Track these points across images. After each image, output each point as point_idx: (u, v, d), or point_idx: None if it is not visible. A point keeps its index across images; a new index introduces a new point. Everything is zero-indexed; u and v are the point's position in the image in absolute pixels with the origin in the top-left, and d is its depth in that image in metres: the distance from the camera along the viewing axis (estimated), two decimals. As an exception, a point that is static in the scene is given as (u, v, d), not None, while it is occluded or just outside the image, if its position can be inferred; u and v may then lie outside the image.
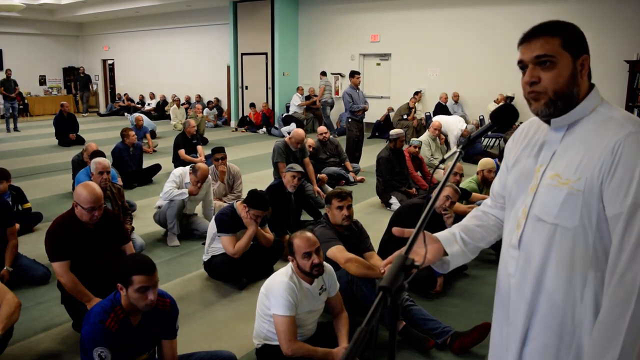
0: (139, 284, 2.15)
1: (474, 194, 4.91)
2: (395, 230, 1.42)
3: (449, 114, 10.12)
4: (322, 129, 7.19)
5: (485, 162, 5.05)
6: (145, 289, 2.17)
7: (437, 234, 1.49)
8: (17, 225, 4.05)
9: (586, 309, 1.24)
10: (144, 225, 5.15)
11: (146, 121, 11.00)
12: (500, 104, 10.06)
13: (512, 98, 9.78)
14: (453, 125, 8.48)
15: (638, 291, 1.11)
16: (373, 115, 11.60)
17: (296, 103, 12.78)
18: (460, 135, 8.31)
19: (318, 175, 6.51)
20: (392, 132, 6.15)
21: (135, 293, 2.17)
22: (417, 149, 6.42)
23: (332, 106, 12.08)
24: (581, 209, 1.22)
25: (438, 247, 1.45)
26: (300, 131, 6.09)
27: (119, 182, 5.58)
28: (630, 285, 1.12)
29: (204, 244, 4.09)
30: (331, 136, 7.31)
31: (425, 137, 7.39)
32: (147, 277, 2.17)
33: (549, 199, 1.28)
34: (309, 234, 2.66)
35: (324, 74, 12.56)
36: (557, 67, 1.26)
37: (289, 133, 11.98)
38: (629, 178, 1.15)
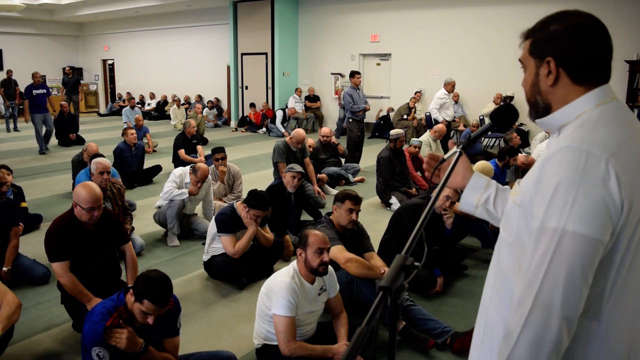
0: (145, 308, 2.16)
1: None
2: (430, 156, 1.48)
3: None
4: (325, 130, 7.16)
5: (483, 167, 4.67)
6: (148, 314, 2.18)
7: (476, 177, 1.44)
8: (21, 227, 4.06)
9: (495, 319, 1.22)
10: (144, 225, 5.15)
11: (126, 116, 11.09)
12: (491, 104, 10.16)
13: (511, 98, 9.79)
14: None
15: (525, 321, 1.03)
16: (373, 115, 11.61)
17: (290, 105, 12.77)
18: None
19: (318, 175, 6.51)
20: (393, 132, 6.15)
21: (139, 310, 2.19)
22: (417, 149, 6.42)
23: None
24: (518, 224, 1.15)
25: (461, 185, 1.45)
26: (301, 131, 6.09)
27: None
28: (520, 315, 1.04)
29: (204, 244, 4.09)
30: (333, 137, 7.28)
31: (426, 137, 7.39)
32: (156, 307, 2.16)
33: (507, 208, 1.24)
34: (323, 232, 2.71)
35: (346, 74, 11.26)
36: (525, 74, 1.22)
37: (282, 123, 11.97)
38: (544, 198, 1.03)
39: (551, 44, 1.13)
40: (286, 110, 12.35)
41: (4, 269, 3.65)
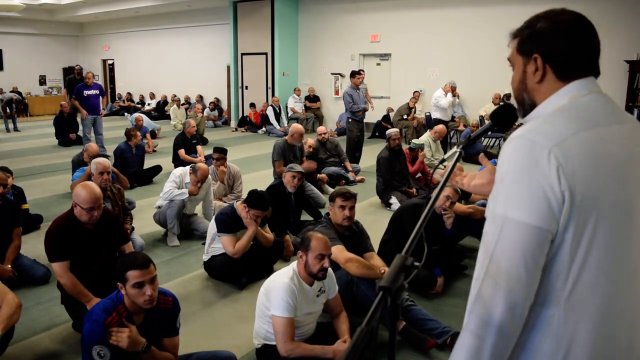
0: (134, 280, 2.16)
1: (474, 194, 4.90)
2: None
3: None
4: (321, 129, 7.18)
5: None
6: (140, 284, 2.17)
7: None
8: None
9: None
10: (144, 225, 5.14)
11: (147, 122, 10.99)
12: (490, 104, 10.17)
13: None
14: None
15: (474, 301, 1.07)
16: (373, 115, 11.59)
17: (290, 105, 12.77)
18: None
19: (318, 175, 6.51)
20: (388, 131, 6.18)
21: (133, 289, 2.17)
22: (424, 152, 6.46)
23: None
24: None
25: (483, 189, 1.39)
26: (297, 125, 6.13)
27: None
28: (472, 296, 1.09)
29: (204, 244, 4.09)
30: (331, 137, 7.30)
31: (426, 137, 7.40)
32: (140, 271, 2.17)
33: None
34: (326, 237, 2.69)
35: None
36: (513, 72, 1.23)
37: (277, 121, 12.04)
38: (496, 186, 1.07)
39: (538, 41, 1.15)
40: (274, 106, 12.29)
41: (7, 266, 3.65)
